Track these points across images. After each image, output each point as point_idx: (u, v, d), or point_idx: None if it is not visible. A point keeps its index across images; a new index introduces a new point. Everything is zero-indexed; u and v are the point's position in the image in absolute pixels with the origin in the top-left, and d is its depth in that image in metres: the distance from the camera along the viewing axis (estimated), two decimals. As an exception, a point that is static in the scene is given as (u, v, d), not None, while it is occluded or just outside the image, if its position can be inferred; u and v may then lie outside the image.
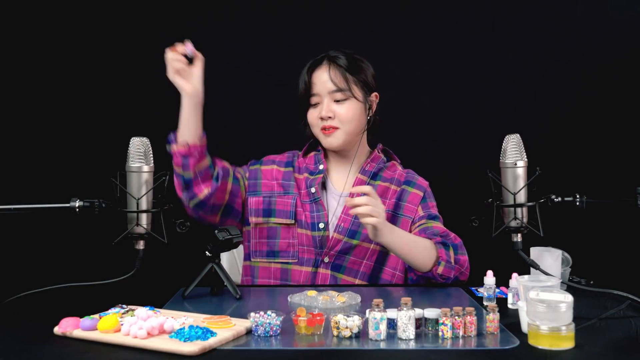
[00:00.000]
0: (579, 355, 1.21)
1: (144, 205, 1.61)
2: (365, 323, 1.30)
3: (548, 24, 2.92)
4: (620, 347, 1.26)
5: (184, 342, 1.22)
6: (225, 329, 1.30)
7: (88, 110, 2.93)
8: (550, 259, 1.65)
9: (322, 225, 1.87)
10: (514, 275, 1.56)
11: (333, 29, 2.96)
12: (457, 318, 1.29)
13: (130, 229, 1.60)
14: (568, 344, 1.23)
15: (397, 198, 1.92)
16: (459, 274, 1.78)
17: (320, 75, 1.89)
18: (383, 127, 2.01)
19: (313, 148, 2.01)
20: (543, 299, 1.25)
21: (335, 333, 1.29)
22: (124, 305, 1.44)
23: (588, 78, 2.89)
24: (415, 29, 2.96)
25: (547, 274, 1.59)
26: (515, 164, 1.61)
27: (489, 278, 1.58)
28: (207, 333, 1.25)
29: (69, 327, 1.31)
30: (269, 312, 1.33)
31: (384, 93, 1.99)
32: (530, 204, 1.62)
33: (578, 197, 1.65)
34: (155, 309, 1.42)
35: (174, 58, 1.70)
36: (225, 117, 2.83)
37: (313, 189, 1.90)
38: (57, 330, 1.33)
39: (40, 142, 2.90)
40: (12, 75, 2.87)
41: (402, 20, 2.97)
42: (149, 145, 1.64)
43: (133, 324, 1.28)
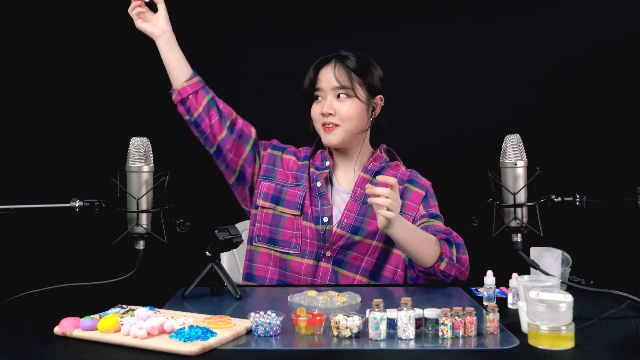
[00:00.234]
0: (579, 355, 1.21)
1: (144, 205, 1.61)
2: (365, 323, 1.30)
3: (548, 24, 2.92)
4: (620, 347, 1.26)
5: (184, 342, 1.22)
6: (225, 329, 1.30)
7: (88, 110, 2.93)
8: (550, 259, 1.65)
9: (326, 219, 1.89)
10: (514, 275, 1.56)
11: (333, 30, 2.96)
12: (457, 318, 1.29)
13: (130, 229, 1.60)
14: (568, 344, 1.23)
15: (404, 198, 1.92)
16: (459, 273, 1.78)
17: (326, 72, 1.92)
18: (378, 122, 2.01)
19: (320, 146, 2.03)
20: (543, 299, 1.25)
21: (335, 333, 1.29)
22: (124, 305, 1.44)
23: (588, 78, 2.89)
24: (415, 29, 2.96)
25: (547, 274, 1.59)
26: (515, 164, 1.61)
27: (489, 278, 1.58)
28: (207, 333, 1.25)
29: (69, 327, 1.31)
30: (269, 312, 1.33)
31: (384, 92, 1.99)
32: (530, 204, 1.62)
33: (578, 197, 1.65)
34: (155, 309, 1.42)
35: (135, 5, 1.84)
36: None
37: (319, 183, 1.93)
38: (57, 330, 1.33)
39: (40, 142, 2.90)
40: (12, 75, 2.88)
41: (402, 21, 2.97)
42: (149, 145, 1.64)
43: (133, 324, 1.28)
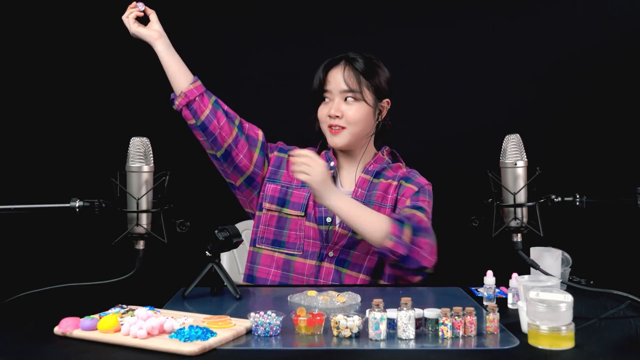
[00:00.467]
0: (579, 355, 1.21)
1: (144, 205, 1.61)
2: (365, 323, 1.30)
3: (548, 24, 2.92)
4: (620, 347, 1.26)
5: (184, 342, 1.22)
6: (225, 329, 1.30)
7: (88, 110, 2.93)
8: (550, 259, 1.65)
9: (329, 220, 1.90)
10: (514, 275, 1.56)
11: (334, 30, 2.96)
12: (457, 318, 1.29)
13: (130, 229, 1.60)
14: (568, 344, 1.23)
15: (397, 193, 1.93)
16: (420, 258, 1.74)
17: (335, 74, 1.92)
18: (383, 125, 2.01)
19: (324, 147, 2.03)
20: (543, 299, 1.25)
21: (335, 333, 1.29)
22: (124, 305, 1.44)
23: (588, 78, 2.89)
24: (415, 29, 2.96)
25: (547, 274, 1.59)
26: (515, 164, 1.61)
27: (489, 278, 1.58)
28: (207, 333, 1.25)
29: (69, 327, 1.31)
30: (269, 312, 1.33)
31: (391, 96, 2.00)
32: (530, 204, 1.62)
33: (578, 197, 1.65)
34: (155, 309, 1.42)
35: (131, 11, 1.87)
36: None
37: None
38: (57, 330, 1.33)
39: (40, 142, 2.90)
40: (12, 75, 2.88)
41: (402, 21, 2.97)
42: (149, 145, 1.64)
43: (133, 324, 1.28)
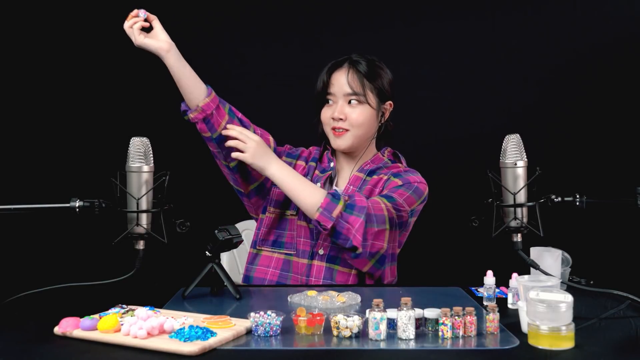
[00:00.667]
0: (579, 355, 1.21)
1: (144, 205, 1.61)
2: (365, 323, 1.30)
3: (548, 24, 2.92)
4: (620, 347, 1.26)
5: (184, 342, 1.22)
6: (225, 329, 1.30)
7: (88, 110, 2.93)
8: (550, 259, 1.65)
9: None
10: (514, 275, 1.56)
11: (334, 30, 2.97)
12: (457, 318, 1.29)
13: (130, 229, 1.60)
14: (568, 344, 1.23)
15: (383, 186, 1.93)
16: (350, 235, 1.73)
17: (339, 77, 1.92)
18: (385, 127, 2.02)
19: (326, 147, 2.04)
20: (543, 299, 1.25)
21: (335, 333, 1.29)
22: (124, 305, 1.44)
23: (588, 78, 2.89)
24: (416, 29, 2.96)
25: (547, 274, 1.59)
26: (515, 164, 1.61)
27: (489, 278, 1.58)
28: (207, 333, 1.25)
29: (69, 327, 1.31)
30: (269, 312, 1.33)
31: (394, 98, 2.00)
32: (530, 204, 1.61)
33: (578, 197, 1.65)
34: (155, 309, 1.42)
35: (134, 20, 1.75)
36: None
37: (319, 184, 1.93)
38: (57, 330, 1.33)
39: (40, 142, 2.90)
40: (12, 75, 2.88)
41: (402, 21, 2.97)
42: (149, 145, 1.63)
43: (133, 324, 1.28)
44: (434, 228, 1.98)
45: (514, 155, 1.61)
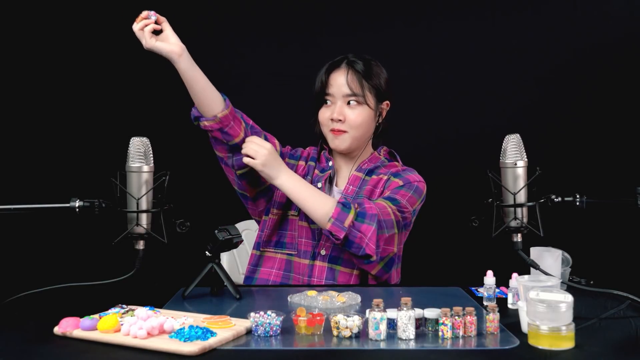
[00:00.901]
0: (579, 355, 1.21)
1: (144, 205, 1.61)
2: (365, 323, 1.30)
3: (548, 25, 2.92)
4: (620, 347, 1.26)
5: (184, 342, 1.22)
6: (225, 329, 1.30)
7: (88, 110, 2.93)
8: (550, 259, 1.65)
9: None
10: (514, 275, 1.56)
11: (334, 30, 2.96)
12: (457, 318, 1.29)
13: (130, 229, 1.60)
14: (568, 344, 1.23)
15: (384, 187, 1.93)
16: (363, 244, 1.73)
17: (337, 78, 1.91)
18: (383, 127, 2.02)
19: (323, 147, 2.04)
20: (543, 299, 1.25)
21: (335, 333, 1.29)
22: (124, 305, 1.44)
23: (588, 78, 2.89)
24: (416, 29, 2.96)
25: (547, 274, 1.59)
26: (515, 164, 1.61)
27: (489, 278, 1.58)
28: (207, 333, 1.25)
29: (69, 327, 1.31)
30: (269, 312, 1.33)
31: (390, 97, 2.00)
32: (530, 204, 1.61)
33: (578, 197, 1.65)
34: (155, 309, 1.42)
35: (144, 22, 1.67)
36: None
37: (319, 184, 1.93)
38: (57, 330, 1.33)
39: (40, 142, 2.90)
40: (12, 75, 2.88)
41: (403, 21, 2.97)
42: (149, 145, 1.63)
43: (133, 324, 1.28)
44: (434, 228, 1.98)
45: (514, 155, 1.61)
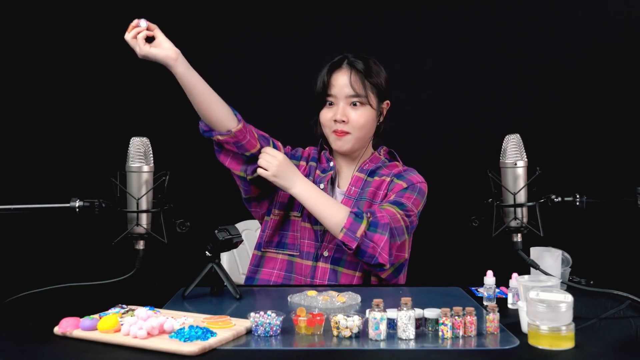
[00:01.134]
0: (579, 355, 1.21)
1: (144, 205, 1.61)
2: (365, 323, 1.30)
3: (548, 24, 2.92)
4: (620, 347, 1.26)
5: (184, 342, 1.22)
6: (225, 329, 1.30)
7: (88, 110, 2.93)
8: (550, 259, 1.65)
9: None
10: (514, 275, 1.56)
11: (334, 30, 2.96)
12: (457, 318, 1.29)
13: (130, 229, 1.60)
14: (568, 344, 1.23)
15: (388, 189, 1.93)
16: (375, 253, 1.74)
17: (340, 78, 1.90)
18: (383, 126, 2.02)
19: (322, 147, 2.04)
20: (543, 299, 1.25)
21: (335, 333, 1.29)
22: (124, 305, 1.44)
23: (588, 78, 2.90)
24: (416, 29, 2.96)
25: (547, 274, 1.59)
26: (515, 164, 1.61)
27: (489, 278, 1.58)
28: (207, 333, 1.25)
29: (69, 327, 1.32)
30: (269, 312, 1.33)
31: (390, 96, 2.00)
32: (530, 204, 1.61)
33: (578, 197, 1.65)
34: (155, 309, 1.42)
35: (136, 30, 1.66)
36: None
37: (322, 185, 1.93)
38: (57, 330, 1.33)
39: (40, 142, 2.90)
40: (12, 75, 2.88)
41: (402, 20, 2.97)
42: (149, 145, 1.63)
43: (133, 324, 1.28)
44: (434, 228, 1.98)
45: (514, 155, 1.61)
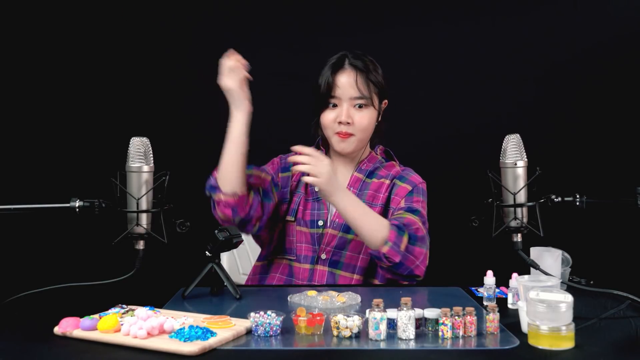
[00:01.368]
0: (579, 355, 1.21)
1: (144, 205, 1.61)
2: (365, 323, 1.30)
3: (548, 24, 2.92)
4: (620, 347, 1.26)
5: (184, 342, 1.22)
6: (225, 329, 1.30)
7: (88, 110, 2.93)
8: (550, 259, 1.65)
9: (321, 223, 1.89)
10: (514, 275, 1.56)
11: (334, 29, 2.96)
12: (457, 318, 1.29)
13: (130, 229, 1.60)
14: (568, 344, 1.23)
15: (389, 192, 1.93)
16: (413, 266, 1.75)
17: (345, 80, 1.88)
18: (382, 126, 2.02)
19: (318, 147, 2.02)
20: (543, 299, 1.25)
21: (335, 333, 1.29)
22: (124, 305, 1.44)
23: (588, 78, 2.90)
24: (416, 29, 2.96)
25: (547, 274, 1.59)
26: (515, 164, 1.61)
27: (489, 278, 1.58)
28: (207, 333, 1.25)
29: (69, 327, 1.32)
30: (269, 312, 1.33)
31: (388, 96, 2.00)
32: (530, 204, 1.62)
33: (578, 197, 1.65)
34: (155, 309, 1.42)
35: (240, 64, 1.73)
36: (225, 116, 2.83)
37: (317, 188, 1.90)
38: (57, 330, 1.33)
39: (40, 142, 2.90)
40: (12, 75, 2.88)
41: (402, 20, 2.97)
42: (149, 145, 1.64)
43: (133, 324, 1.28)
44: (434, 228, 1.97)
45: (514, 155, 1.61)
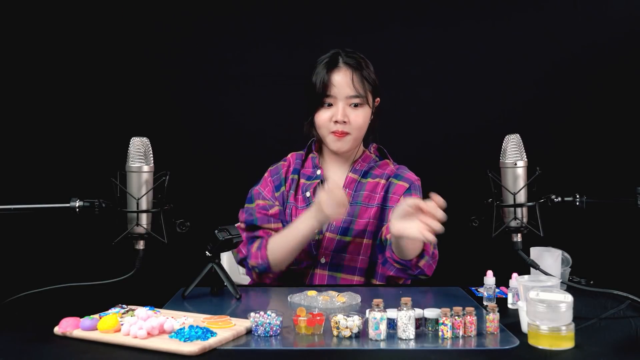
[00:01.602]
0: (579, 355, 1.21)
1: (144, 205, 1.61)
2: (365, 323, 1.30)
3: (548, 24, 2.92)
4: (620, 347, 1.26)
5: (184, 342, 1.22)
6: (225, 329, 1.30)
7: (88, 110, 2.93)
8: (550, 259, 1.65)
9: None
10: (514, 275, 1.56)
11: (333, 29, 2.96)
12: (457, 318, 1.29)
13: (130, 229, 1.60)
14: (568, 344, 1.23)
15: (385, 191, 1.93)
16: (428, 268, 1.79)
17: (341, 79, 1.86)
18: (383, 126, 2.02)
19: (310, 149, 2.00)
20: (543, 299, 1.25)
21: (335, 333, 1.29)
22: (124, 305, 1.44)
23: (588, 78, 2.89)
24: (416, 29, 2.96)
25: (547, 274, 1.59)
26: (515, 164, 1.61)
27: (489, 278, 1.58)
28: (207, 333, 1.25)
29: (69, 327, 1.32)
30: (269, 312, 1.33)
31: (385, 92, 1.99)
32: (530, 204, 1.62)
33: (578, 197, 1.65)
34: (155, 309, 1.42)
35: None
36: (225, 116, 2.84)
37: (308, 194, 1.91)
38: (57, 330, 1.33)
39: (41, 142, 2.90)
40: (12, 75, 2.88)
41: (402, 20, 2.97)
42: (149, 145, 1.64)
43: (133, 324, 1.28)
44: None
45: (514, 155, 1.61)
